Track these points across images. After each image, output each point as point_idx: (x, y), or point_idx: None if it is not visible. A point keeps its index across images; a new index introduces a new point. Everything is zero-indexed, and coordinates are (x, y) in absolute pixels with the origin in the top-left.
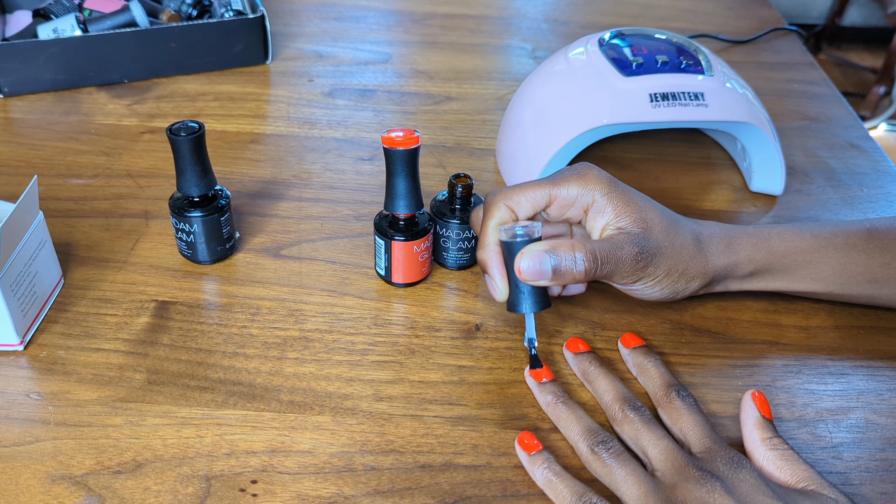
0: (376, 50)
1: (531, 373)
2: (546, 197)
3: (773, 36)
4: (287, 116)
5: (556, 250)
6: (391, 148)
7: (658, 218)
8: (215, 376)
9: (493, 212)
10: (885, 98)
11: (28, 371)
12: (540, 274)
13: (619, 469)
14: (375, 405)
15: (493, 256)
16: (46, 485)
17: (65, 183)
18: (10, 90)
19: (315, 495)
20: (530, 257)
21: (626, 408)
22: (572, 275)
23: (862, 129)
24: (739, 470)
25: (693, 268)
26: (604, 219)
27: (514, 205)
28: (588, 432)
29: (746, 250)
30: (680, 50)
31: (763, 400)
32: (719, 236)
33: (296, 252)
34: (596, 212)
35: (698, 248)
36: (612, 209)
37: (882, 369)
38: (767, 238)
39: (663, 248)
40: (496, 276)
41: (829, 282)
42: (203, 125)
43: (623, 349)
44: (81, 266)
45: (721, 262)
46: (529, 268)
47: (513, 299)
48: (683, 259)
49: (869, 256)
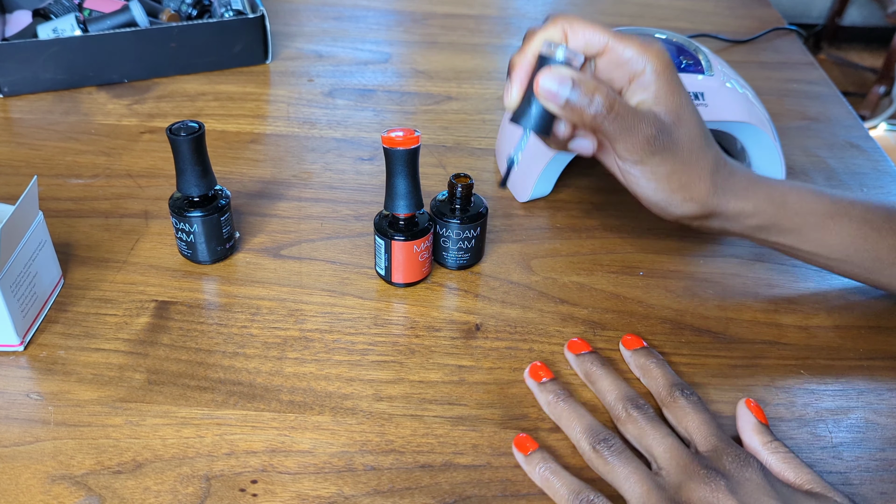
0: (376, 50)
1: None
2: (603, 43)
3: (773, 36)
4: (287, 116)
5: (581, 83)
6: (391, 148)
7: (693, 123)
8: (215, 376)
9: (549, 27)
10: (884, 98)
11: (28, 371)
12: (554, 96)
13: (621, 467)
14: (375, 405)
15: (525, 64)
16: (46, 485)
17: (65, 183)
18: (10, 90)
19: (315, 495)
20: (553, 76)
21: (630, 407)
22: (581, 114)
23: (862, 128)
24: (745, 468)
25: (696, 189)
26: (644, 95)
27: (571, 32)
28: (590, 430)
29: (759, 201)
30: (680, 50)
31: (757, 407)
32: (739, 177)
33: (296, 252)
34: (639, 85)
35: (712, 176)
36: (655, 89)
37: (882, 369)
38: (785, 194)
39: (681, 149)
40: (515, 83)
41: (834, 249)
42: (203, 125)
43: (625, 351)
44: (81, 266)
45: (727, 204)
46: (547, 85)
47: (519, 111)
48: (692, 174)
49: (881, 235)
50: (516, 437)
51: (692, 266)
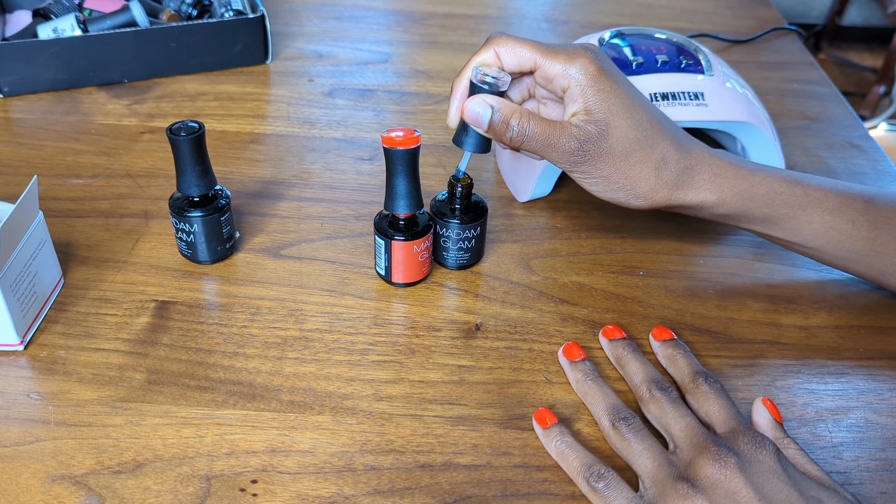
0: (376, 50)
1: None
2: (532, 62)
3: (772, 35)
4: (287, 116)
5: (501, 109)
6: (391, 148)
7: (628, 126)
8: (215, 376)
9: (482, 51)
10: (884, 98)
11: (28, 371)
12: (476, 121)
13: (637, 443)
14: (375, 405)
15: (460, 88)
16: (47, 484)
17: (65, 183)
18: (9, 90)
19: (315, 495)
20: (477, 103)
21: (654, 388)
22: (502, 136)
23: (862, 128)
24: (760, 451)
25: (639, 187)
26: (574, 106)
27: (502, 53)
28: (612, 408)
29: (724, 193)
30: (680, 49)
31: (773, 406)
32: (700, 170)
33: (296, 252)
34: (570, 98)
35: (658, 173)
36: (583, 101)
37: (882, 369)
38: (754, 186)
39: (613, 154)
40: (453, 105)
41: (809, 239)
42: (203, 125)
43: (654, 342)
44: (81, 266)
45: (683, 197)
46: (471, 111)
47: (458, 133)
48: (632, 174)
49: (855, 227)
50: (536, 411)
51: (692, 266)
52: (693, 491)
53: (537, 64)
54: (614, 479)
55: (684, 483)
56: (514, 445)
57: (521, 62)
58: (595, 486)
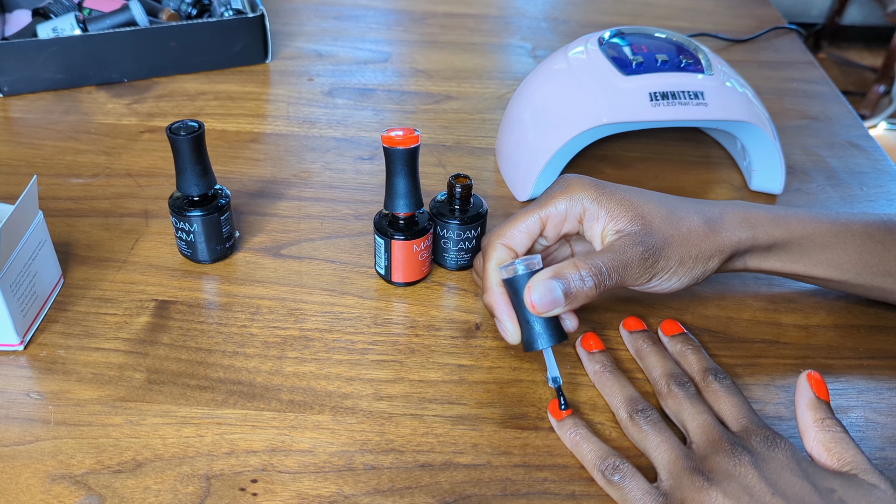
0: (376, 49)
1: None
2: (538, 222)
3: (772, 35)
4: (287, 116)
5: (561, 273)
6: (391, 147)
7: (656, 209)
8: (215, 376)
9: (491, 253)
10: (884, 97)
11: (28, 371)
12: (553, 302)
13: (654, 435)
14: (375, 404)
15: (499, 298)
16: (46, 484)
17: (64, 182)
18: (9, 89)
19: (315, 494)
20: (539, 288)
21: (673, 383)
22: (584, 294)
23: (862, 127)
24: (773, 448)
25: (707, 248)
26: (600, 224)
27: (509, 241)
28: (630, 400)
29: (764, 225)
30: (680, 49)
31: (819, 380)
32: (733, 212)
33: (295, 251)
34: (590, 220)
35: (709, 228)
36: (605, 213)
37: (882, 369)
38: (785, 217)
39: (670, 238)
40: (504, 319)
41: (845, 269)
42: (203, 124)
43: (663, 336)
44: (81, 266)
45: (738, 235)
46: (541, 298)
47: (527, 338)
48: (695, 242)
49: (886, 248)
50: (551, 402)
51: None
52: (708, 484)
53: (543, 219)
54: (630, 470)
55: (700, 476)
56: (513, 445)
57: (530, 232)
58: (611, 479)
